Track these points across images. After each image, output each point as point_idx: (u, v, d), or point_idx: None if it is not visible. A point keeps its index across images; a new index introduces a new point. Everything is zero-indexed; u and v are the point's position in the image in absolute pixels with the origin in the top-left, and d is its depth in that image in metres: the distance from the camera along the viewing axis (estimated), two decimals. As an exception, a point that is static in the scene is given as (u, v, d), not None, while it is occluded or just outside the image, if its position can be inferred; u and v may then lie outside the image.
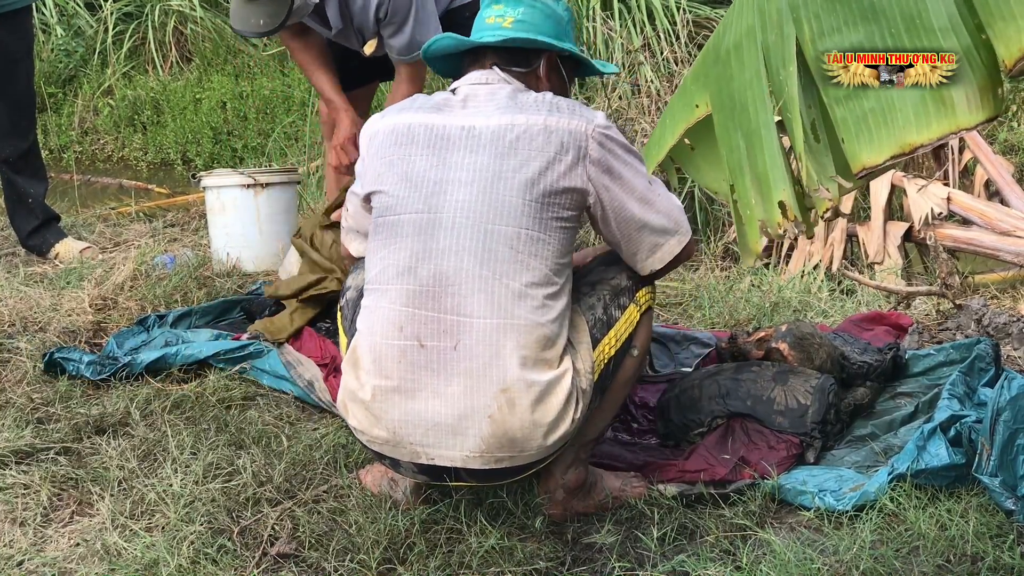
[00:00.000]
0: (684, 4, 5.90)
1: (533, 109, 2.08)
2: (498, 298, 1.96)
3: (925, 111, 2.25)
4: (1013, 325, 2.89)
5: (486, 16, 2.24)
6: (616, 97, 5.15)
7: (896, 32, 2.22)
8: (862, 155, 2.34)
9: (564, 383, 1.99)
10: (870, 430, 2.44)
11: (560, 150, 2.03)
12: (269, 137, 6.23)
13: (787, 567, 1.89)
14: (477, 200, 2.01)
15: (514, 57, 2.20)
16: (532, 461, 2.02)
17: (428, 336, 1.98)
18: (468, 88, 2.15)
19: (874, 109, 2.30)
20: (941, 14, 2.20)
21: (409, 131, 2.10)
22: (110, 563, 2.01)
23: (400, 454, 2.02)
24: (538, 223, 2.01)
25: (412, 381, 1.98)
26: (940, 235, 4.08)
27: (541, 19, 2.22)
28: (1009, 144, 5.21)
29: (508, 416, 1.95)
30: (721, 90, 2.54)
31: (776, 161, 2.46)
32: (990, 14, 2.15)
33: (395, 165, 2.09)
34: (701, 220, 4.66)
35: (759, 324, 3.23)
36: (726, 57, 2.50)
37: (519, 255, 1.99)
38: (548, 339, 1.98)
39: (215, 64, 7.40)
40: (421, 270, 2.00)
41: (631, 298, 2.17)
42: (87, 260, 4.07)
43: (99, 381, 2.87)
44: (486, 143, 2.04)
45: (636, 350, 2.17)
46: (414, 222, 2.03)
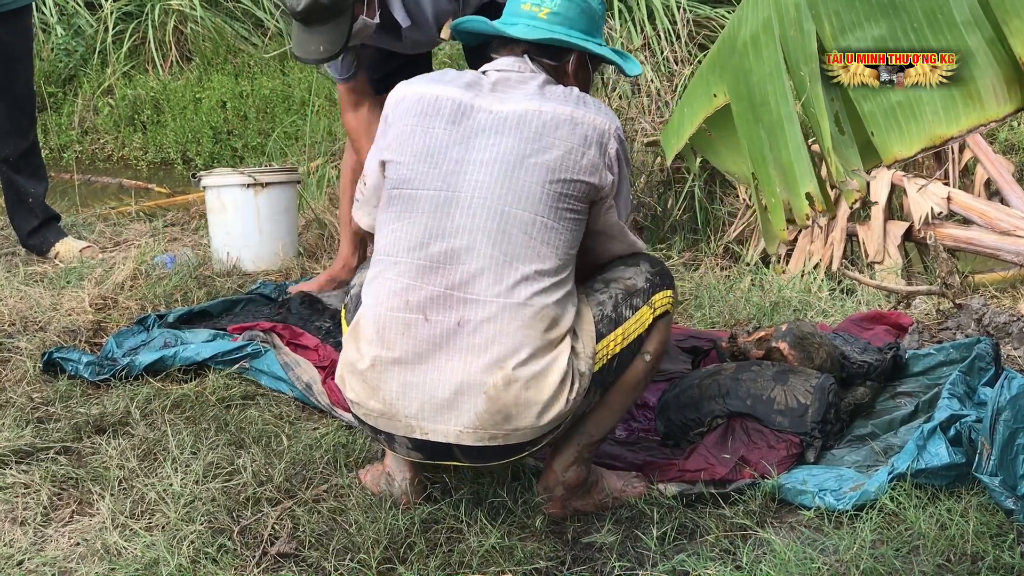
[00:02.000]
0: (684, 3, 5.90)
1: (561, 100, 2.10)
2: (505, 279, 1.98)
3: (953, 104, 2.26)
4: (1013, 324, 2.89)
5: (521, 1, 2.23)
6: (616, 97, 5.14)
7: (919, 27, 2.23)
8: (893, 148, 2.36)
9: (560, 362, 1.98)
10: (870, 429, 2.44)
11: (584, 143, 2.05)
12: (269, 137, 6.23)
13: (787, 566, 1.89)
14: (496, 182, 2.02)
15: (546, 50, 2.20)
16: (524, 441, 2.01)
17: (434, 311, 1.99)
18: (498, 74, 2.16)
19: (902, 103, 2.31)
20: (963, 8, 2.21)
21: (436, 103, 2.10)
22: (110, 563, 2.01)
23: (395, 428, 2.02)
24: (553, 212, 2.02)
25: (414, 354, 1.99)
26: (940, 234, 4.07)
27: (576, 13, 2.22)
28: (1009, 144, 5.20)
29: (503, 393, 1.95)
30: (739, 82, 2.55)
31: (800, 153, 2.47)
32: (1006, 11, 2.15)
33: (416, 136, 2.08)
34: (701, 219, 4.66)
35: (759, 324, 3.23)
36: (743, 49, 2.51)
37: (532, 241, 2.00)
38: (552, 320, 1.99)
39: (215, 63, 7.39)
40: (433, 246, 2.01)
41: (645, 300, 2.16)
42: (87, 260, 4.07)
43: (98, 381, 2.87)
44: (511, 127, 2.06)
45: (649, 355, 2.16)
46: (431, 199, 2.04)
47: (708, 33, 5.86)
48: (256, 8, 7.65)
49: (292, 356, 2.94)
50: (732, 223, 4.65)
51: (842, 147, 2.40)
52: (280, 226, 4.07)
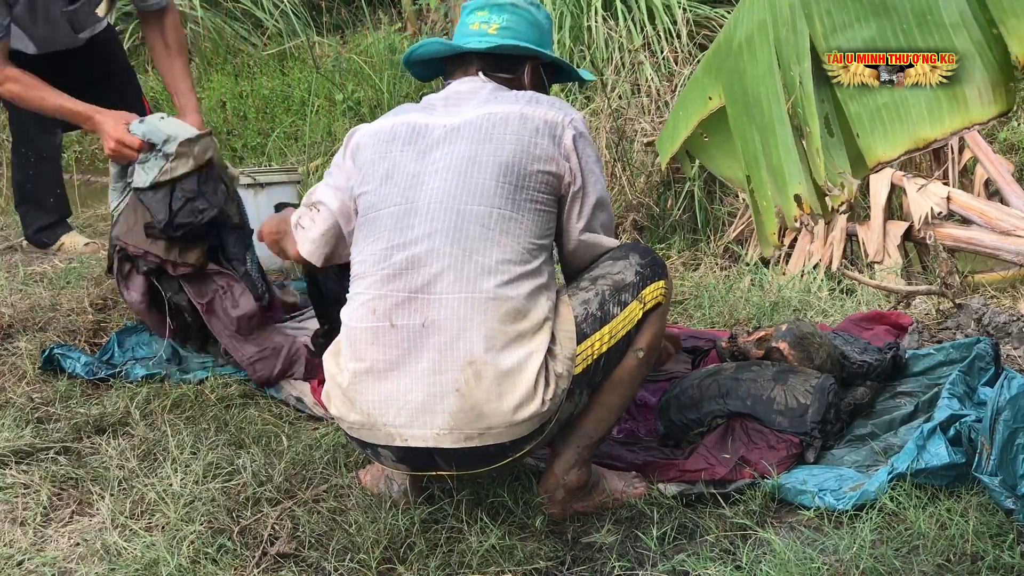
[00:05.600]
0: (685, 3, 5.89)
1: (511, 100, 2.15)
2: (466, 273, 1.98)
3: (938, 106, 2.26)
4: (1013, 324, 2.89)
5: (470, 22, 2.30)
6: (616, 97, 5.14)
7: (908, 28, 2.23)
8: (877, 150, 2.36)
9: (534, 360, 1.97)
10: (870, 429, 2.44)
11: (535, 134, 2.08)
12: (269, 137, 6.23)
13: (787, 566, 1.89)
14: (452, 185, 2.05)
15: (500, 64, 2.27)
16: (504, 442, 1.99)
17: (398, 316, 2.00)
18: (449, 91, 2.23)
19: (887, 104, 2.32)
20: (952, 10, 2.21)
21: (392, 131, 2.17)
22: (110, 563, 2.01)
23: (376, 438, 2.03)
24: (511, 203, 2.03)
25: (384, 362, 2.00)
26: (940, 234, 4.07)
27: (525, 27, 2.30)
28: (1009, 143, 5.20)
29: (475, 389, 1.94)
30: (734, 83, 2.56)
31: (791, 155, 2.47)
32: (1003, 11, 2.15)
33: (376, 163, 2.14)
34: (701, 219, 4.66)
35: (759, 323, 3.23)
36: (738, 50, 2.51)
37: (490, 232, 2.01)
38: (517, 312, 1.98)
39: (215, 63, 7.39)
40: (396, 256, 2.03)
41: (635, 295, 2.13)
42: (87, 259, 4.07)
43: (98, 381, 2.87)
44: (465, 135, 2.10)
45: (641, 352, 2.14)
46: (392, 214, 2.07)
47: (708, 33, 5.86)
48: (256, 8, 7.65)
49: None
50: (732, 223, 4.65)
51: (831, 149, 2.40)
52: (280, 226, 4.06)
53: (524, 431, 2.00)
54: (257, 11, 7.64)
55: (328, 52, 6.74)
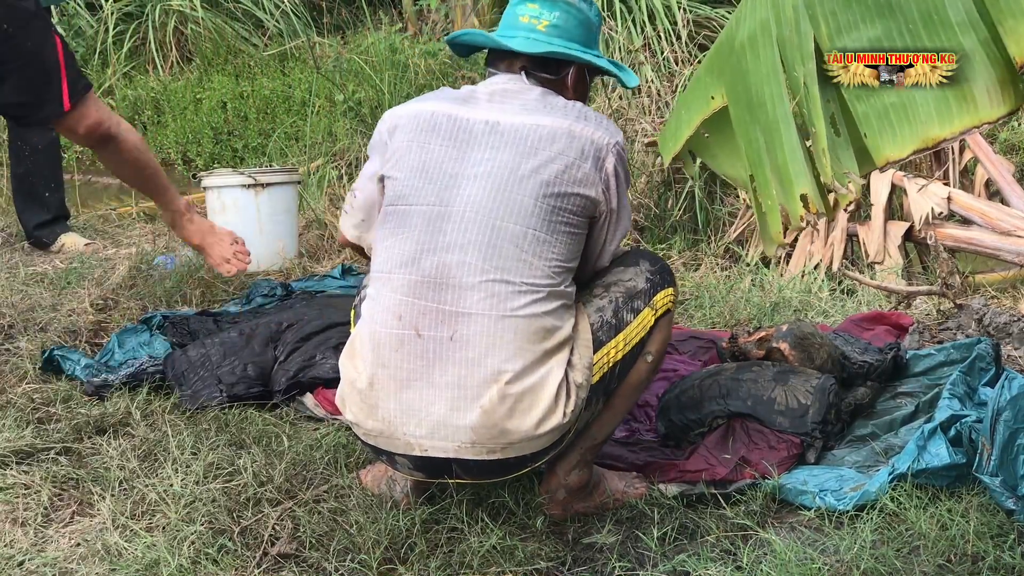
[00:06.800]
0: (685, 4, 5.89)
1: (561, 113, 2.08)
2: (498, 292, 1.96)
3: (947, 105, 2.26)
4: (1014, 325, 2.89)
5: (520, 14, 2.22)
6: (616, 97, 5.14)
7: (914, 27, 2.23)
8: (885, 149, 2.36)
9: (555, 375, 1.97)
10: (871, 430, 2.44)
11: (580, 156, 2.04)
12: (270, 137, 6.23)
13: (788, 567, 1.89)
14: (489, 196, 2.01)
15: (545, 65, 2.19)
16: (525, 454, 2.00)
17: (426, 326, 1.98)
18: (495, 86, 2.15)
19: (895, 104, 2.31)
20: (958, 9, 2.21)
21: (432, 118, 2.10)
22: (111, 563, 2.01)
23: (394, 446, 2.02)
24: (546, 225, 2.01)
25: (408, 370, 1.98)
26: (940, 235, 4.07)
27: (574, 25, 2.21)
28: (1009, 144, 5.20)
29: (498, 406, 1.94)
30: (736, 83, 2.55)
31: (796, 155, 2.47)
32: (1000, 11, 2.15)
33: (412, 151, 2.08)
34: (702, 220, 4.66)
35: (759, 324, 3.23)
36: (741, 50, 2.51)
37: (523, 254, 1.98)
38: (545, 331, 1.98)
39: (216, 64, 7.40)
40: (425, 261, 2.00)
41: (647, 302, 2.14)
42: (87, 259, 4.08)
43: (99, 389, 2.86)
44: (509, 141, 2.05)
45: (651, 356, 2.15)
46: (424, 214, 2.03)
47: (708, 33, 5.86)
48: (256, 8, 7.65)
49: None
50: (732, 223, 4.65)
51: (836, 149, 2.40)
52: (280, 226, 4.07)
53: (545, 443, 2.01)
54: (258, 11, 7.65)
55: (329, 52, 6.74)
